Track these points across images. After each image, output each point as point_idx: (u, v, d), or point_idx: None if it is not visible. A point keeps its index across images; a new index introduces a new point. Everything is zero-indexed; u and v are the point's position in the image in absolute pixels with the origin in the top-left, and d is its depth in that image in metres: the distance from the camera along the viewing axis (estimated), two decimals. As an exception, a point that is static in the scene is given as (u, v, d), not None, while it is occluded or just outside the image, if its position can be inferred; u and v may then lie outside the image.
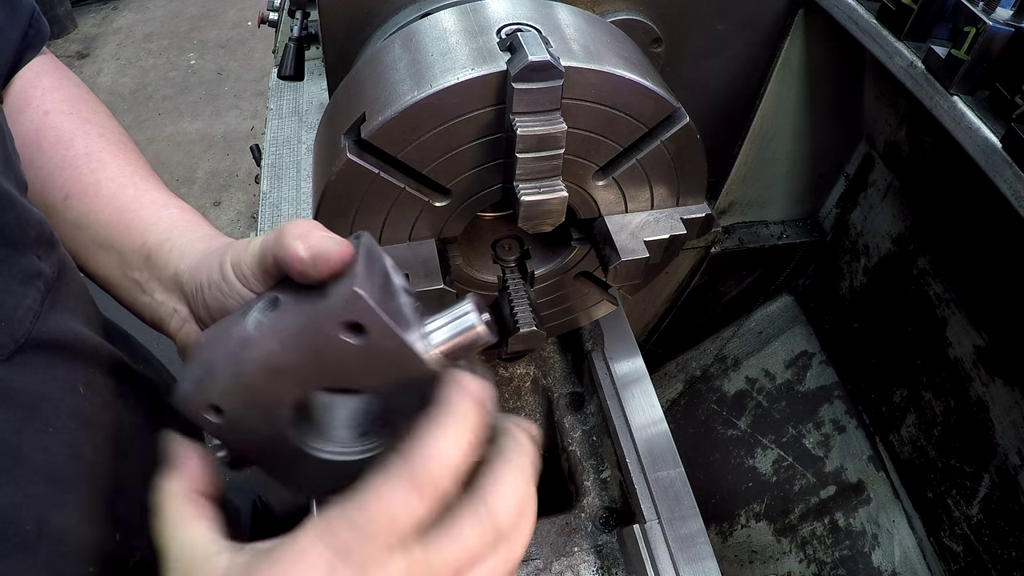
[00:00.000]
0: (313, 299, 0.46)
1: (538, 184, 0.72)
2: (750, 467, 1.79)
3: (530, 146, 0.68)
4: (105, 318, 0.70)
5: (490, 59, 0.67)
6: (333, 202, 0.73)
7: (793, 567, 1.64)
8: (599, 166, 0.78)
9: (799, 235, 1.73)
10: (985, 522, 1.34)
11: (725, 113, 1.35)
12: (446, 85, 0.66)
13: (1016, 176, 0.84)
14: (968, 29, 0.89)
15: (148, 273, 0.63)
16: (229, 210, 3.39)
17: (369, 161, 0.70)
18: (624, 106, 0.73)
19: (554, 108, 0.68)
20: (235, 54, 4.39)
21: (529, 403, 1.08)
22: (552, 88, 0.66)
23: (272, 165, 1.41)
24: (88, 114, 0.73)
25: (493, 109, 0.69)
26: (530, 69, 0.64)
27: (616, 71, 0.70)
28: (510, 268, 0.91)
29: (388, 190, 0.73)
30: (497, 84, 0.67)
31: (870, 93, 1.40)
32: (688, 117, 0.76)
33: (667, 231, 0.83)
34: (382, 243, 0.79)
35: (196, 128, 3.82)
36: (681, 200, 0.85)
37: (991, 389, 1.32)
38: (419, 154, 0.71)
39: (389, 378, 0.46)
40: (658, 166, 0.80)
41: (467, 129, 0.70)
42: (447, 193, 0.76)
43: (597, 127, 0.74)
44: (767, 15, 1.20)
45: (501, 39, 0.69)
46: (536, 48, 0.65)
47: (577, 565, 0.91)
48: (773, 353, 1.86)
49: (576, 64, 0.68)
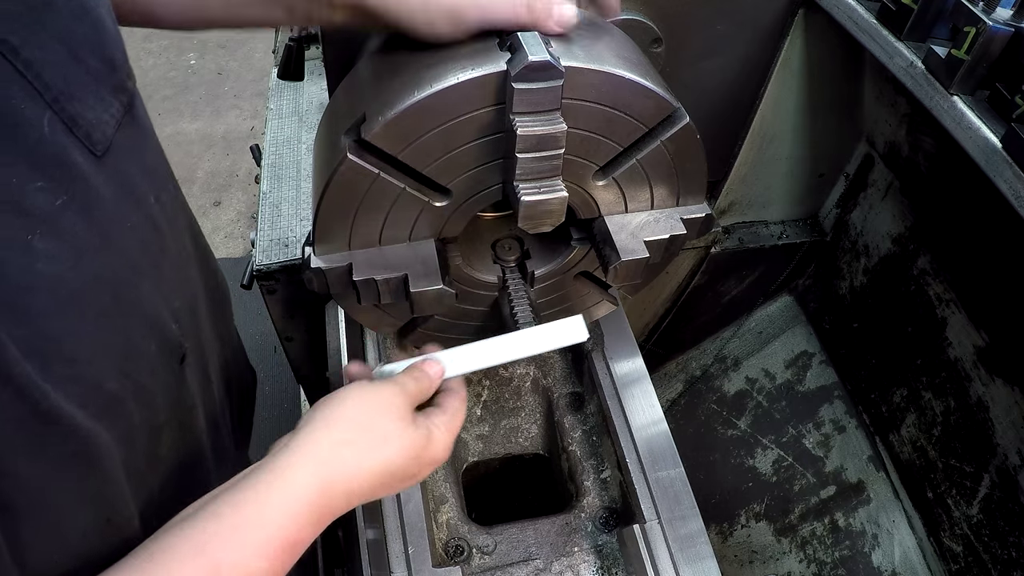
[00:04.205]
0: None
1: (538, 184, 0.72)
2: (750, 467, 1.79)
3: (530, 146, 0.68)
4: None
5: (490, 59, 0.67)
6: (333, 202, 0.73)
7: (793, 567, 1.64)
8: (599, 166, 0.78)
9: (799, 235, 1.73)
10: (985, 522, 1.34)
11: (725, 113, 1.35)
12: (446, 85, 0.66)
13: (1016, 176, 0.84)
14: (968, 29, 0.89)
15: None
16: (229, 210, 3.39)
17: (369, 161, 0.71)
18: (624, 106, 0.73)
19: (554, 108, 0.68)
20: (235, 54, 4.39)
21: (529, 403, 1.08)
22: (552, 88, 0.66)
23: (272, 165, 1.41)
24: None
25: (493, 109, 0.69)
26: (530, 69, 0.64)
27: (616, 71, 0.70)
28: (510, 268, 0.91)
29: (388, 190, 0.73)
30: (497, 84, 0.67)
31: (870, 93, 1.40)
32: (688, 117, 0.76)
33: (667, 231, 0.83)
34: (382, 242, 0.79)
35: (196, 128, 3.82)
36: (681, 200, 0.85)
37: (991, 389, 1.32)
38: (419, 154, 0.71)
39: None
40: (658, 166, 0.80)
41: (467, 129, 0.70)
42: (447, 193, 0.76)
43: (597, 127, 0.74)
44: (767, 15, 1.20)
45: (501, 39, 0.69)
46: (536, 48, 0.65)
47: (577, 565, 0.91)
48: (773, 353, 1.86)
49: (576, 64, 0.68)
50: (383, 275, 0.77)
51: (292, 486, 0.57)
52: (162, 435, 0.62)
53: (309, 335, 1.35)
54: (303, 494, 0.57)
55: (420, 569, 0.83)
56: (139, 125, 0.62)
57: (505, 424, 1.06)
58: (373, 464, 0.62)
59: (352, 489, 0.61)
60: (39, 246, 0.46)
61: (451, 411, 0.72)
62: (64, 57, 0.51)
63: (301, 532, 0.56)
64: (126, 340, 0.55)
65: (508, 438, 1.06)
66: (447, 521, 0.94)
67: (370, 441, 0.63)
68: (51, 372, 0.46)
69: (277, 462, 0.58)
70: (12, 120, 0.46)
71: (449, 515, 0.94)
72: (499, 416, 1.07)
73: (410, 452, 0.65)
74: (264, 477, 0.57)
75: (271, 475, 0.57)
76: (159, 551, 0.52)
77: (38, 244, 0.46)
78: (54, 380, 0.46)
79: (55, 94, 0.49)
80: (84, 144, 0.52)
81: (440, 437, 0.69)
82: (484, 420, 1.06)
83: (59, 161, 0.49)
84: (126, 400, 0.55)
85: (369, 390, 0.67)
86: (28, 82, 0.47)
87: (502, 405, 1.07)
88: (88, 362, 0.50)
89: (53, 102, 0.49)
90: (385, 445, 0.63)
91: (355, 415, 0.64)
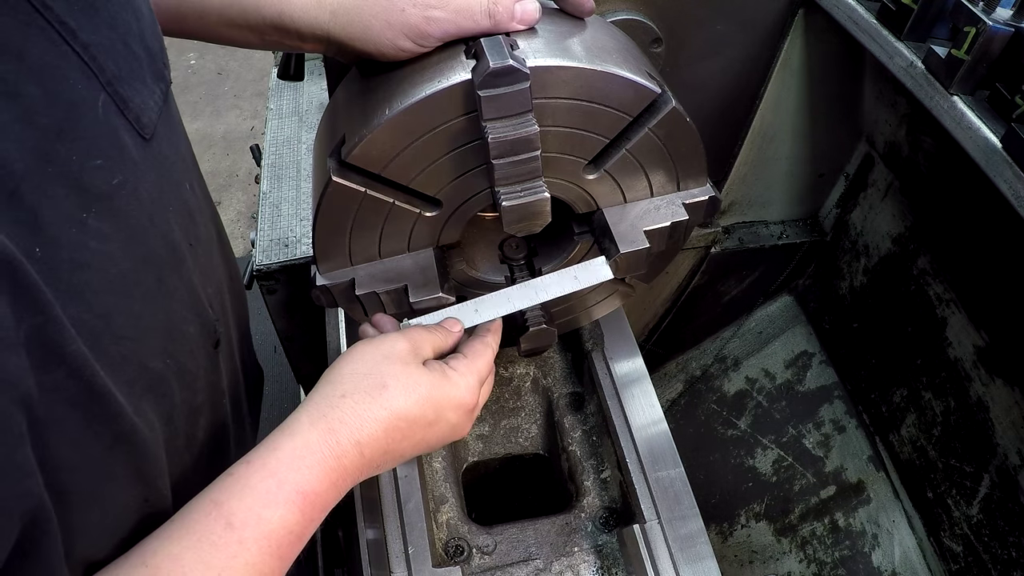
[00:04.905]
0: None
1: (519, 187, 0.72)
2: (750, 467, 1.79)
3: (504, 151, 0.68)
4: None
5: (456, 69, 0.67)
6: (328, 222, 0.74)
7: (793, 567, 1.64)
8: (588, 160, 0.77)
9: (799, 235, 1.73)
10: (985, 522, 1.34)
11: (725, 113, 1.35)
12: (415, 100, 0.67)
13: (1016, 176, 0.84)
14: (968, 29, 0.89)
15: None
16: (229, 210, 3.39)
17: (355, 180, 0.71)
18: (602, 98, 0.72)
19: (525, 111, 0.67)
20: (235, 54, 4.38)
21: (529, 403, 1.08)
22: (519, 91, 0.66)
23: (272, 165, 1.41)
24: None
25: (465, 118, 0.69)
26: (493, 75, 0.64)
27: (586, 65, 0.69)
28: (519, 266, 0.91)
29: (378, 206, 0.74)
30: (465, 93, 0.67)
31: (870, 93, 1.40)
32: (674, 101, 0.75)
33: (668, 218, 0.82)
34: (382, 255, 0.80)
35: (196, 128, 3.81)
36: (682, 184, 0.84)
37: (991, 389, 1.32)
38: (402, 169, 0.72)
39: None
40: (649, 153, 0.79)
41: (444, 140, 0.70)
42: (437, 203, 0.76)
43: (578, 122, 0.73)
44: (767, 15, 1.20)
45: (467, 46, 0.69)
46: (498, 54, 0.65)
47: (577, 565, 0.91)
48: (773, 353, 1.86)
49: (544, 63, 0.68)
50: (384, 288, 0.78)
51: (295, 437, 0.57)
52: (200, 417, 0.63)
53: (309, 335, 1.35)
54: (309, 445, 0.57)
55: (420, 569, 0.83)
56: (172, 115, 0.63)
57: (505, 424, 1.06)
58: (377, 411, 0.61)
59: (361, 439, 0.59)
60: (93, 224, 0.47)
61: (472, 353, 0.71)
62: (115, 42, 0.52)
63: (311, 483, 0.56)
64: (169, 321, 0.56)
65: (508, 438, 1.06)
66: (447, 521, 0.94)
67: (368, 387, 0.61)
68: (101, 350, 0.47)
69: (285, 422, 0.59)
70: (71, 98, 0.47)
71: (449, 515, 0.94)
72: (499, 416, 1.07)
73: (421, 393, 0.63)
74: (272, 437, 0.58)
75: (278, 433, 0.58)
76: (178, 515, 0.53)
77: (92, 222, 0.47)
78: (103, 358, 0.47)
79: (108, 77, 0.50)
80: (134, 127, 0.53)
81: (459, 379, 0.67)
82: (484, 420, 1.06)
83: (113, 141, 0.50)
84: (169, 380, 0.56)
85: (373, 342, 0.66)
86: (85, 64, 0.48)
87: (502, 405, 1.07)
88: (135, 340, 0.51)
89: (107, 84, 0.50)
90: (386, 388, 0.62)
91: (356, 367, 0.63)
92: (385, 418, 0.61)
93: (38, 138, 0.43)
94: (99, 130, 0.49)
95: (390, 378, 0.63)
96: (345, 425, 0.59)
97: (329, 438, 0.58)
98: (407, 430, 0.63)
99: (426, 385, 0.64)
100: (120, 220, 0.50)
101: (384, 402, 0.61)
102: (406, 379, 0.63)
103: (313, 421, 0.58)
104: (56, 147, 0.45)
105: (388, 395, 0.62)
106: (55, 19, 0.46)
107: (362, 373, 0.63)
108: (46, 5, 0.45)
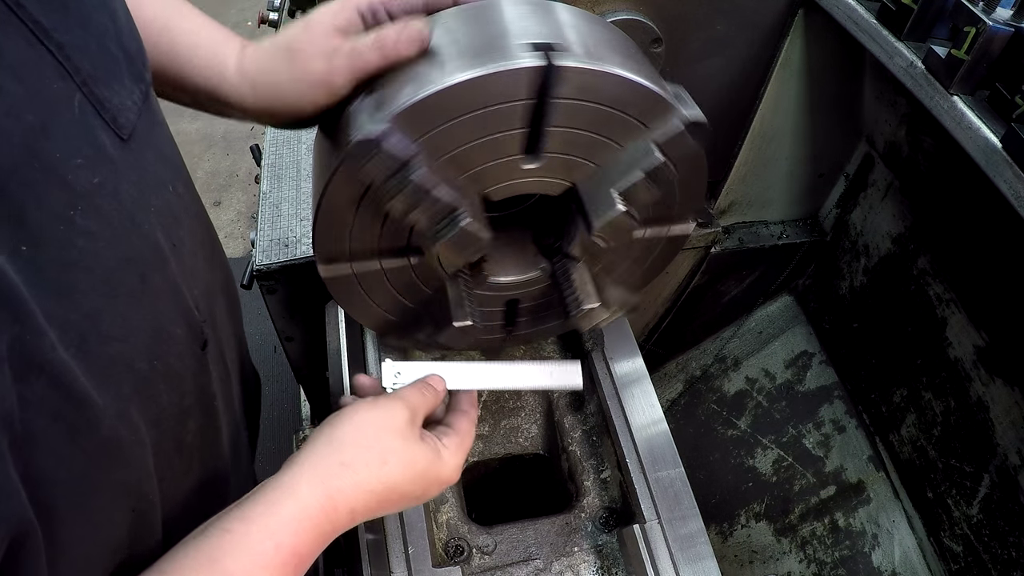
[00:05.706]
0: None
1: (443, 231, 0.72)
2: (750, 467, 1.79)
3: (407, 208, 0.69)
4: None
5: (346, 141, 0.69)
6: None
7: (793, 567, 1.64)
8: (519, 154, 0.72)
9: (799, 235, 1.73)
10: (985, 522, 1.34)
11: (725, 113, 1.35)
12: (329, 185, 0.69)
13: (1016, 176, 0.84)
14: (968, 29, 0.89)
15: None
16: (229, 210, 3.39)
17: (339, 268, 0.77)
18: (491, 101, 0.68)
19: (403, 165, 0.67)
20: (235, 54, 4.39)
21: (529, 403, 1.08)
22: (389, 156, 0.65)
23: (272, 165, 1.41)
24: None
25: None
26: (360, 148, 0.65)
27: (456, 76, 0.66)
28: (556, 250, 0.85)
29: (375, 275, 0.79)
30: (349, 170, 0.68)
31: (870, 93, 1.40)
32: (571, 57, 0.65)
33: (638, 167, 0.73)
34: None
35: (196, 128, 3.81)
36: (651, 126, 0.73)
37: (991, 389, 1.32)
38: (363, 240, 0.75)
39: None
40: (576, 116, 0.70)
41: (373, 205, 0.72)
42: (417, 250, 0.78)
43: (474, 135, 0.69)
44: (767, 15, 1.20)
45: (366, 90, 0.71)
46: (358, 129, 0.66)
47: (577, 565, 0.91)
48: (773, 353, 1.86)
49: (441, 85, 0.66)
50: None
51: (297, 501, 0.59)
52: (188, 421, 0.64)
53: (309, 335, 1.35)
54: (307, 509, 0.59)
55: (420, 569, 0.83)
56: (155, 116, 0.63)
57: (505, 424, 1.06)
58: (375, 484, 0.64)
59: (355, 507, 0.62)
60: (80, 222, 0.47)
61: (462, 432, 0.74)
62: (89, 42, 0.52)
63: (306, 545, 0.58)
64: (154, 321, 0.56)
65: (508, 438, 1.06)
66: (447, 521, 0.94)
67: (371, 460, 0.64)
68: (88, 352, 0.47)
69: (283, 479, 0.60)
70: (49, 97, 0.47)
71: (449, 515, 0.94)
72: (499, 416, 1.07)
73: (415, 469, 0.67)
74: (270, 494, 0.59)
75: (277, 491, 0.59)
76: (171, 568, 0.53)
77: (79, 220, 0.47)
78: (90, 360, 0.47)
79: (84, 76, 0.50)
80: (111, 127, 0.53)
81: (449, 458, 0.70)
82: (484, 420, 1.06)
83: (91, 141, 0.50)
84: (156, 382, 0.56)
85: (373, 408, 0.68)
86: (60, 63, 0.48)
87: (502, 405, 1.07)
88: (122, 341, 0.51)
89: (82, 84, 0.50)
90: (386, 464, 0.65)
91: (358, 435, 0.65)
92: (381, 491, 0.64)
93: (24, 133, 0.43)
94: (77, 129, 0.49)
95: (391, 454, 0.65)
96: (343, 494, 0.61)
97: (327, 504, 0.60)
98: (397, 501, 0.67)
99: (423, 463, 0.67)
100: (104, 219, 0.50)
101: (383, 476, 0.64)
102: (405, 455, 0.66)
103: (313, 486, 0.60)
104: (42, 143, 0.45)
105: (387, 471, 0.64)
106: (28, 18, 0.46)
107: (364, 445, 0.65)
108: (19, 4, 0.45)
